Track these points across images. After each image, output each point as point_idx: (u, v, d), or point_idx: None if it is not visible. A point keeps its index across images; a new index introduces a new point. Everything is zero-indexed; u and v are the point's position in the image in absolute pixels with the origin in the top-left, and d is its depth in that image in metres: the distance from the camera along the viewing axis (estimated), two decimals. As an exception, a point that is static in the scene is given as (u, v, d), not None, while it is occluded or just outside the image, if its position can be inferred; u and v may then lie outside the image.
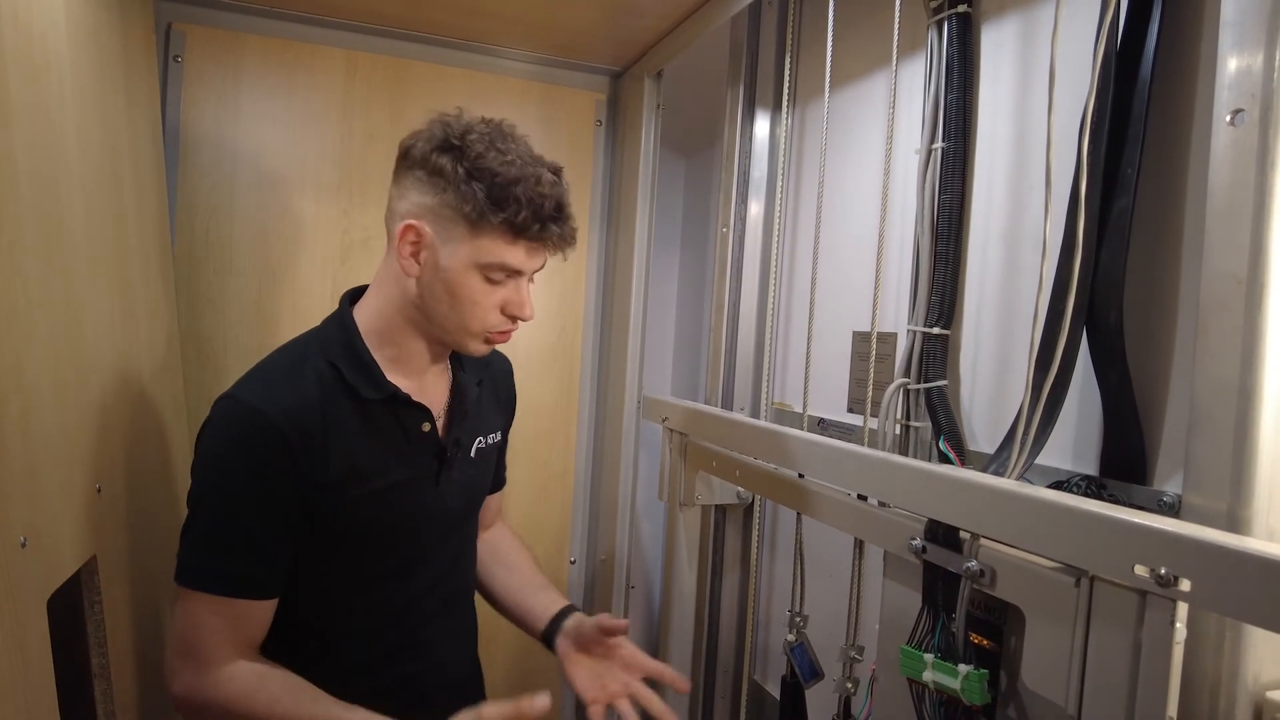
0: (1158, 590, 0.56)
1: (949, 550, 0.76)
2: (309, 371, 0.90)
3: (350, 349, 0.93)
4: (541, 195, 0.87)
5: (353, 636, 0.95)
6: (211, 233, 1.48)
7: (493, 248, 0.88)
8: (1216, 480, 0.64)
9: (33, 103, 0.78)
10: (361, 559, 0.94)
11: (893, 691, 0.85)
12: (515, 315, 0.93)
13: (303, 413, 0.87)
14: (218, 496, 0.86)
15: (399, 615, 0.97)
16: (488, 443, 1.07)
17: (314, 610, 0.94)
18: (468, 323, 0.91)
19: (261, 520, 0.86)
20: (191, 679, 0.85)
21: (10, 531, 0.67)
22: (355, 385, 0.91)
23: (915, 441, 1.05)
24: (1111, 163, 0.78)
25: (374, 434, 0.92)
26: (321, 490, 0.88)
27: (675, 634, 1.39)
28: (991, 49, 1.00)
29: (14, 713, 0.65)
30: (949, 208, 1.00)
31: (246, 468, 0.85)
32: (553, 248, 0.92)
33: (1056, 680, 0.65)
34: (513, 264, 0.89)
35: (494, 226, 0.87)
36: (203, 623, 0.85)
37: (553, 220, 0.89)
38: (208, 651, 0.85)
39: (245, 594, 0.87)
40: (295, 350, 0.94)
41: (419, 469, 0.96)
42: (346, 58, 1.56)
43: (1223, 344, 0.64)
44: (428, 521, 0.98)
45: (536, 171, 0.88)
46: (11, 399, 0.68)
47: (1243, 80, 0.63)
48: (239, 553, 0.86)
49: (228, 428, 0.86)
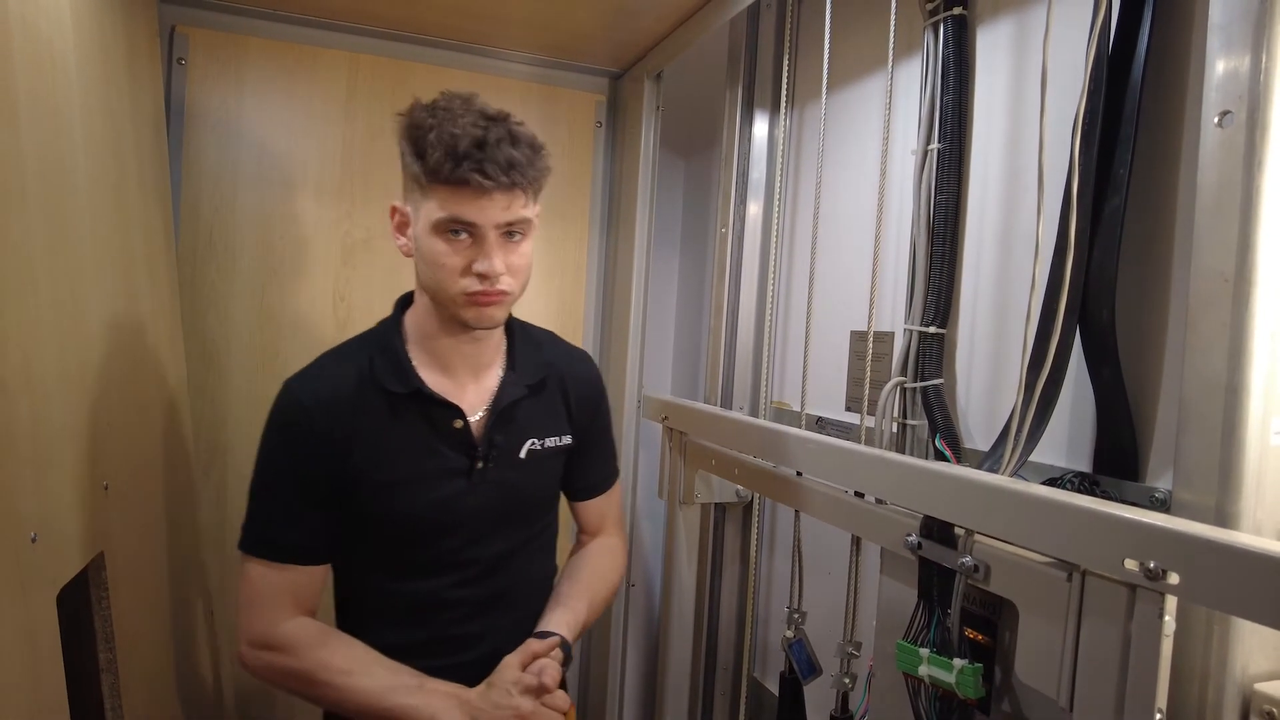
0: (1147, 584, 0.57)
1: (944, 546, 0.77)
2: (351, 366, 0.97)
3: (388, 346, 0.98)
4: (454, 136, 0.85)
5: (388, 622, 0.98)
6: (215, 233, 1.49)
7: (435, 203, 0.88)
8: (1205, 476, 0.65)
9: (40, 103, 0.79)
10: (390, 550, 0.98)
11: (889, 686, 0.86)
12: (479, 272, 0.89)
13: (334, 402, 0.94)
14: (264, 472, 0.95)
15: (433, 610, 0.99)
16: (544, 446, 1.05)
17: (351, 591, 1.01)
18: (445, 286, 0.91)
19: (299, 497, 0.93)
20: (259, 630, 0.92)
21: (21, 527, 0.68)
22: (383, 379, 0.95)
23: (912, 440, 1.06)
24: (1103, 163, 0.79)
25: (401, 428, 0.96)
26: (347, 473, 0.93)
27: (675, 631, 1.40)
28: (986, 51, 1.01)
29: (26, 704, 0.66)
30: (945, 208, 1.01)
31: (283, 449, 0.94)
32: (480, 186, 0.86)
33: (1049, 673, 0.66)
34: (454, 214, 0.87)
35: (429, 181, 0.88)
36: (261, 584, 0.93)
37: (470, 158, 0.85)
38: (270, 605, 0.93)
39: (292, 559, 0.94)
40: (349, 345, 1.01)
41: (447, 466, 0.98)
42: (348, 59, 1.58)
43: (1211, 341, 0.65)
44: (459, 519, 0.99)
45: (454, 117, 0.87)
46: (21, 397, 0.69)
47: (1230, 83, 0.64)
48: (282, 524, 0.94)
49: (274, 412, 0.95)
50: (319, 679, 0.90)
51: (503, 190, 0.87)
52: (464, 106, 0.89)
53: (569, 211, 1.77)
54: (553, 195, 1.73)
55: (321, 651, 0.92)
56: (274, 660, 0.92)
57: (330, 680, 0.90)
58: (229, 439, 1.49)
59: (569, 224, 1.77)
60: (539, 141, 0.94)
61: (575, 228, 1.78)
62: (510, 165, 0.87)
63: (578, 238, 1.79)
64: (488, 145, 0.86)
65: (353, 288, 1.58)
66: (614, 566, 1.16)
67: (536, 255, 1.72)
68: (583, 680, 1.85)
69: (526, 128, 0.93)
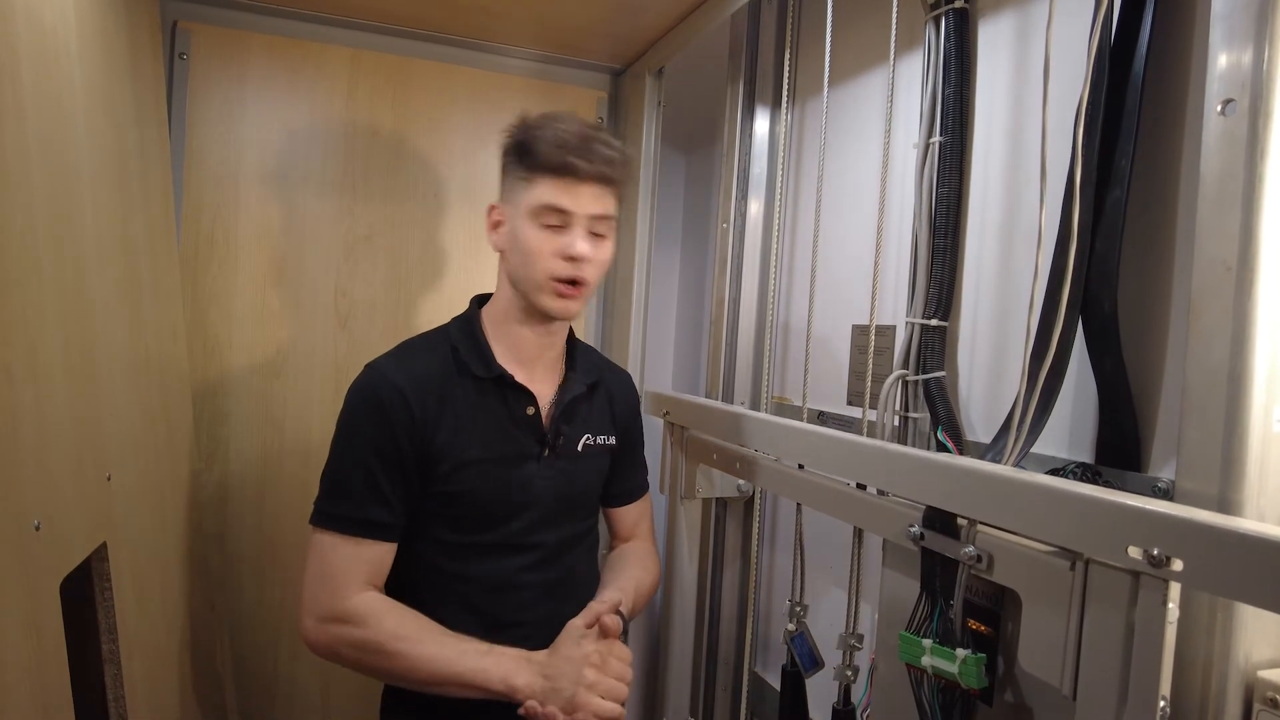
0: (1150, 571, 0.57)
1: (947, 537, 0.77)
2: (436, 352, 1.05)
3: (470, 335, 1.07)
4: (563, 132, 0.98)
5: (452, 608, 1.01)
6: (217, 229, 1.49)
7: (535, 192, 0.99)
8: (1208, 465, 0.65)
9: (45, 94, 0.79)
10: (461, 530, 1.02)
11: (892, 678, 0.86)
12: (569, 256, 0.99)
13: (423, 382, 1.01)
14: (346, 447, 0.99)
15: (501, 592, 1.03)
16: (596, 442, 1.14)
17: (411, 576, 1.04)
18: (533, 272, 1.00)
19: (382, 469, 0.98)
20: (327, 604, 0.95)
21: (25, 515, 0.68)
22: (469, 364, 1.04)
23: (914, 432, 1.06)
24: (1106, 154, 0.79)
25: (482, 409, 1.03)
26: (431, 451, 1.00)
27: (676, 626, 1.40)
28: (988, 44, 1.01)
29: (29, 695, 0.66)
30: (946, 201, 1.01)
31: (372, 423, 0.98)
32: (585, 178, 0.98)
33: (1052, 662, 0.66)
34: (552, 201, 0.98)
35: (533, 173, 0.99)
36: (333, 558, 0.97)
37: (576, 151, 0.97)
38: (340, 580, 0.96)
39: (367, 534, 0.98)
40: (432, 335, 1.10)
41: (522, 449, 1.05)
42: (351, 56, 1.58)
43: (1213, 330, 0.65)
44: (527, 500, 1.04)
45: (563, 120, 1.00)
46: (25, 385, 0.69)
47: (1233, 71, 0.64)
48: (362, 496, 0.98)
49: (362, 389, 1.01)
50: (389, 649, 0.93)
51: (597, 182, 0.99)
52: (570, 117, 1.02)
53: (570, 208, 1.77)
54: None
55: (390, 621, 0.95)
56: (343, 633, 0.95)
57: (400, 650, 0.93)
58: (231, 433, 1.49)
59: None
60: (632, 153, 1.08)
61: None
62: (608, 160, 1.00)
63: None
64: (592, 141, 0.99)
65: (354, 283, 1.58)
66: (654, 564, 1.24)
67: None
68: (584, 676, 1.85)
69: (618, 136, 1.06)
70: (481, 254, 1.68)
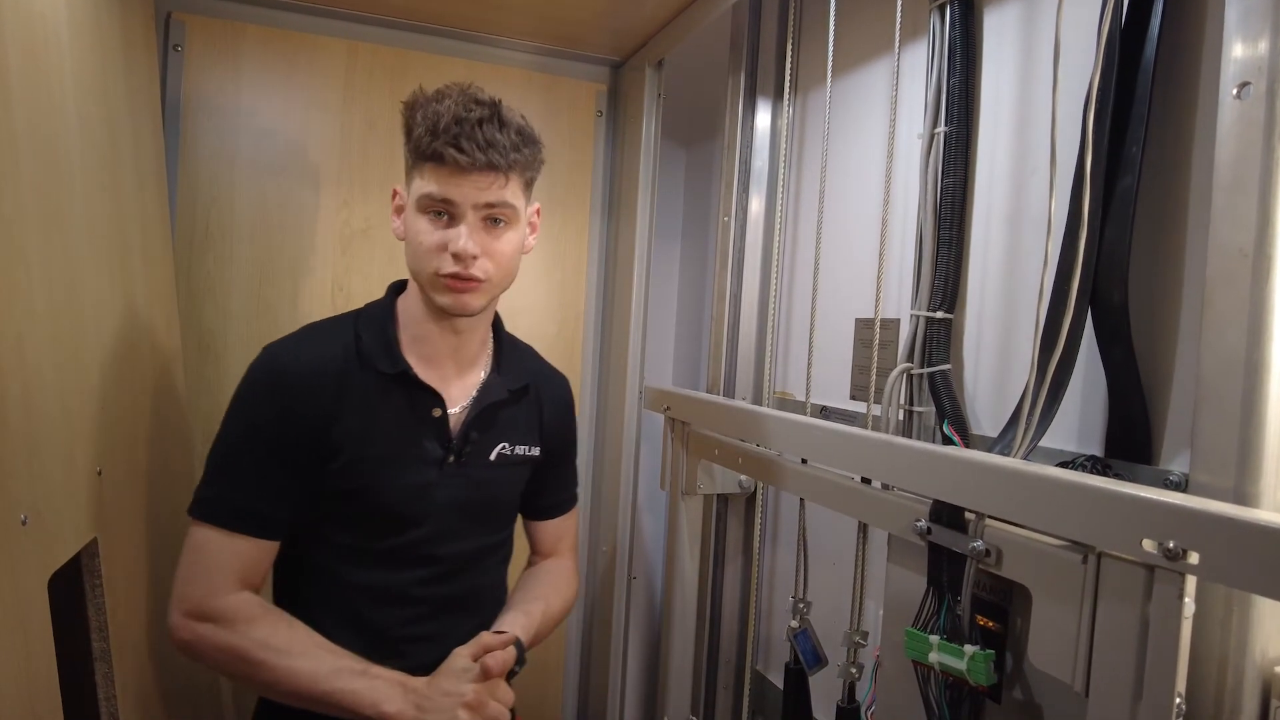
0: (1166, 564, 0.56)
1: (954, 531, 0.75)
2: (339, 339, 0.96)
3: (379, 325, 0.98)
4: (437, 113, 0.87)
5: (337, 617, 0.94)
6: (212, 223, 1.47)
7: (418, 181, 0.91)
8: (1223, 457, 0.64)
9: (33, 82, 0.78)
10: (356, 535, 0.95)
11: (897, 675, 0.85)
12: (453, 252, 0.89)
13: (322, 371, 0.93)
14: (234, 435, 0.92)
15: (391, 605, 0.96)
16: (515, 452, 1.05)
17: (295, 580, 0.97)
18: (422, 265, 0.92)
19: (272, 461, 0.90)
20: (196, 600, 0.88)
21: (12, 509, 0.66)
22: (372, 356, 0.95)
23: (919, 426, 1.04)
24: (1116, 141, 0.77)
25: (384, 407, 0.95)
26: (326, 442, 0.92)
27: (677, 624, 1.38)
28: (994, 32, 1.00)
29: (17, 692, 0.65)
30: (951, 192, 1.00)
31: (265, 408, 0.91)
32: (467, 167, 0.87)
33: (1064, 658, 0.65)
34: (433, 192, 0.89)
35: (414, 159, 0.91)
36: (208, 554, 0.89)
37: (451, 139, 0.86)
38: (215, 576, 0.89)
39: (249, 530, 0.90)
40: (336, 320, 1.01)
41: (423, 453, 0.97)
42: (347, 48, 1.56)
43: (1229, 318, 0.63)
44: (426, 510, 0.97)
45: (442, 98, 0.89)
46: (13, 376, 0.68)
47: (1249, 54, 0.63)
48: (248, 488, 0.90)
49: (256, 372, 0.93)
50: (255, 658, 0.86)
51: (481, 170, 0.88)
52: (456, 91, 0.90)
53: (570, 202, 1.75)
54: (553, 185, 1.72)
55: (262, 628, 0.88)
56: (209, 633, 0.87)
57: (267, 660, 0.86)
58: (226, 430, 1.47)
59: (570, 214, 1.76)
60: (532, 131, 0.94)
61: (576, 218, 1.77)
62: (489, 145, 0.88)
63: (578, 228, 1.77)
64: (466, 123, 0.87)
65: (351, 277, 1.57)
66: (568, 585, 1.16)
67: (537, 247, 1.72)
68: (584, 675, 1.83)
69: (523, 118, 0.93)
70: (480, 248, 1.67)
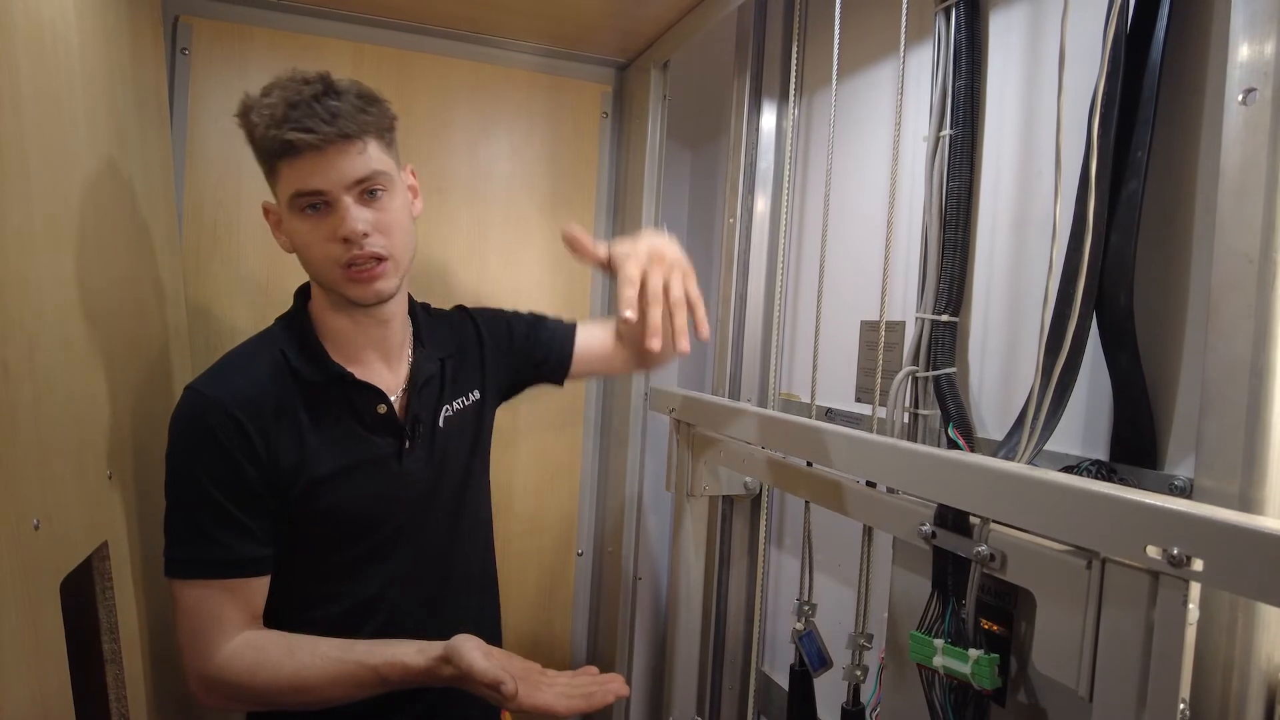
0: (1170, 570, 0.56)
1: (959, 535, 0.76)
2: (263, 361, 0.92)
3: (300, 335, 0.94)
4: (270, 105, 0.83)
5: (315, 632, 0.91)
6: (219, 225, 1.48)
7: (280, 183, 0.87)
8: (1229, 462, 0.64)
9: (42, 88, 0.78)
10: (327, 548, 0.93)
11: (902, 678, 0.85)
12: (342, 237, 0.86)
13: (255, 399, 0.88)
14: (184, 484, 0.87)
15: (369, 615, 0.95)
16: (462, 404, 1.05)
17: (279, 602, 0.93)
18: (320, 266, 0.89)
19: (234, 500, 0.86)
20: (204, 665, 0.86)
21: (24, 513, 0.67)
22: (301, 370, 0.91)
23: (924, 429, 1.04)
24: (1121, 146, 0.77)
25: (327, 419, 0.92)
26: (279, 473, 0.88)
27: (682, 626, 1.39)
28: (1000, 34, 1.00)
29: (28, 693, 0.65)
30: (957, 195, 1.00)
31: (204, 454, 0.86)
32: (320, 146, 0.83)
33: (1068, 663, 0.65)
34: (299, 186, 0.85)
35: (268, 163, 0.87)
36: (201, 609, 0.86)
37: (293, 124, 0.82)
38: (212, 634, 0.86)
39: (234, 573, 0.87)
40: (255, 342, 0.96)
41: (378, 452, 0.95)
42: (353, 50, 1.56)
43: (1235, 324, 0.63)
44: (396, 505, 0.96)
45: (268, 91, 0.85)
46: (24, 382, 0.68)
47: (1255, 59, 0.63)
48: (220, 534, 0.86)
49: (183, 418, 0.88)
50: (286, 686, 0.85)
51: (336, 144, 0.83)
52: (282, 79, 0.86)
53: (575, 202, 1.76)
54: (558, 186, 1.72)
55: (263, 673, 0.85)
56: (231, 692, 0.86)
57: (287, 686, 0.85)
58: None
59: (575, 215, 1.76)
60: (371, 91, 0.90)
61: (581, 219, 1.77)
62: (334, 115, 0.83)
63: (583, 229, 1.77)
64: (303, 103, 0.83)
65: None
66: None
67: (542, 248, 1.73)
68: (589, 675, 1.84)
69: (352, 81, 0.89)
70: (488, 248, 1.67)
